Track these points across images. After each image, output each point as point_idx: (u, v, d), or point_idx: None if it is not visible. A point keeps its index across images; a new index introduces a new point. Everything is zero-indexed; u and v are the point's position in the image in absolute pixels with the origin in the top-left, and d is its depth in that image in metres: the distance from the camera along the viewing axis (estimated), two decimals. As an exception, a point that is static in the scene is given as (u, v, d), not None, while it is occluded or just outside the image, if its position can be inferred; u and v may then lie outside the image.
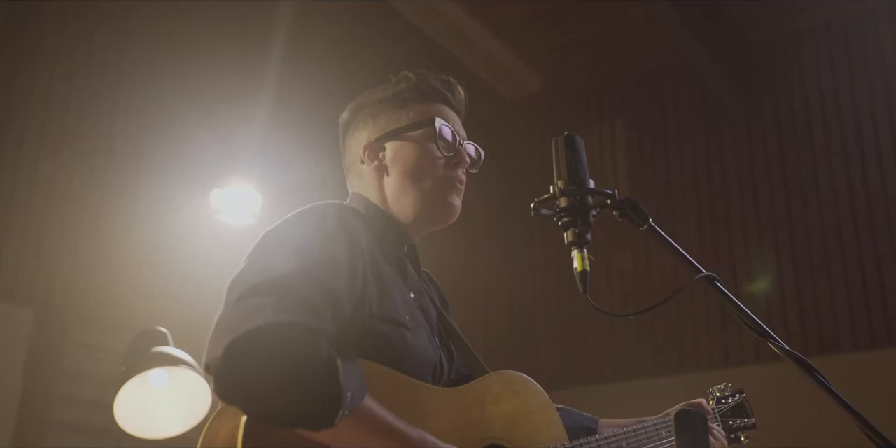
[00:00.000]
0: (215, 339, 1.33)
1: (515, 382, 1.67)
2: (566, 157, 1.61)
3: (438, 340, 1.70)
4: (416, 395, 1.51)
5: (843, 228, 5.44)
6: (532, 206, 1.59)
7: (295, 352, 1.29)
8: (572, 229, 1.55)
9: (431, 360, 1.62)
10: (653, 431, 1.80)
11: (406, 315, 1.61)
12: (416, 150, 1.76)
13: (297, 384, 1.28)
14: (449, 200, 1.75)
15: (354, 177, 1.83)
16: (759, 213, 5.67)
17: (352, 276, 1.50)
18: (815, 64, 5.84)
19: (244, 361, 1.28)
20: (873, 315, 5.05)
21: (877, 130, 5.54)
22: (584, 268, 1.53)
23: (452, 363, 1.70)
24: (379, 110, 1.82)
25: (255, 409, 1.30)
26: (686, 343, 5.62)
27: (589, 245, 1.56)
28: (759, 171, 5.78)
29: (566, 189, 1.56)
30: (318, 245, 1.50)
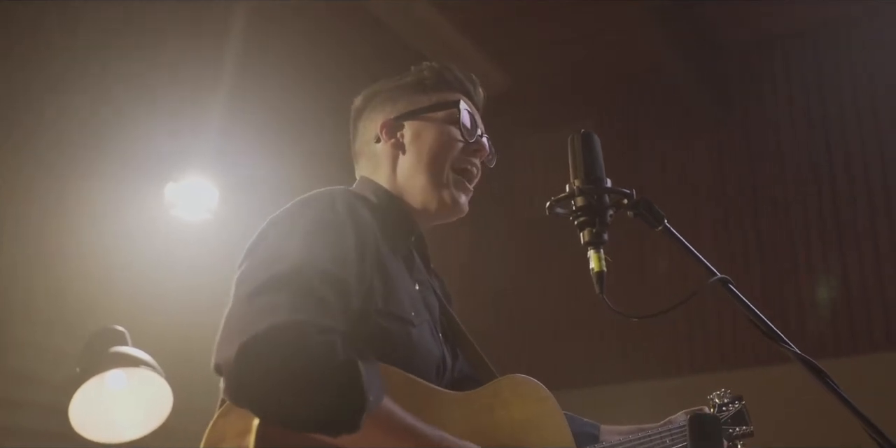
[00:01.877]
0: (226, 339, 1.32)
1: (525, 387, 1.68)
2: (583, 155, 1.63)
3: (442, 336, 1.70)
4: (426, 399, 1.51)
5: (811, 234, 5.57)
6: (547, 205, 1.61)
7: (312, 353, 1.28)
8: (589, 229, 1.57)
9: (435, 357, 1.62)
10: (657, 439, 1.82)
11: (411, 311, 1.61)
12: (437, 131, 1.76)
13: (317, 387, 1.27)
14: (455, 197, 1.75)
15: (366, 159, 1.82)
16: (726, 217, 5.79)
17: (360, 265, 1.49)
18: (785, 71, 5.97)
19: (259, 363, 1.27)
20: (838, 324, 5.18)
21: (845, 137, 5.68)
22: (601, 268, 1.55)
23: (456, 360, 1.70)
24: (399, 95, 1.82)
25: (272, 413, 1.28)
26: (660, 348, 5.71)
27: (605, 245, 1.58)
28: (728, 176, 5.89)
29: (584, 188, 1.58)
30: (327, 233, 1.50)
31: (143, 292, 4.32)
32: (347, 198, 1.60)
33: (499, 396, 1.62)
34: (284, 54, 5.60)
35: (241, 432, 1.33)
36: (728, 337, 5.53)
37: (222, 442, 1.36)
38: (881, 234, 5.42)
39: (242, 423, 1.33)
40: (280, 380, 1.26)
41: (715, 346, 5.58)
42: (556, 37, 6.06)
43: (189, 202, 4.91)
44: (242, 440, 1.32)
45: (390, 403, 1.37)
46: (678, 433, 1.85)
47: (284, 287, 1.36)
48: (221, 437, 1.37)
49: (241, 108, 5.28)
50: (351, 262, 1.47)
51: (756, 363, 5.19)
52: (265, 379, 1.26)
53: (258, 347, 1.27)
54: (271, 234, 1.53)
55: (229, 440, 1.35)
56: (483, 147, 1.79)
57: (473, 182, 1.80)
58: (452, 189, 1.74)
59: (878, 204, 5.49)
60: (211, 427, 1.39)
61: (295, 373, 1.26)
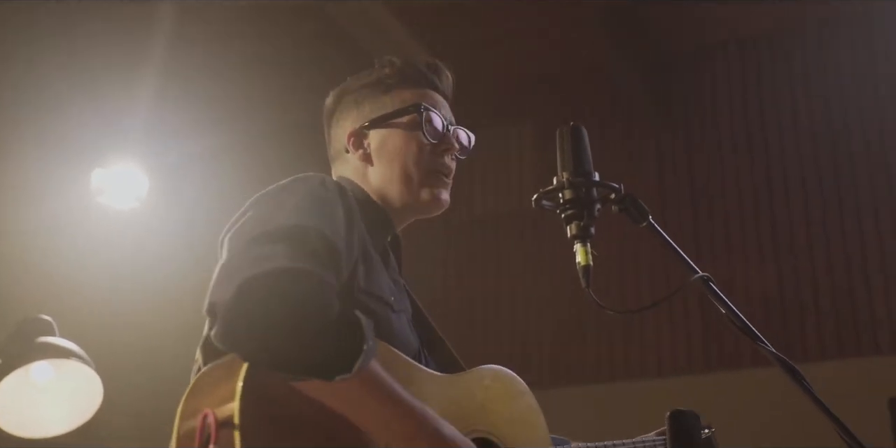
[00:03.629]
0: (223, 280, 1.33)
1: (507, 380, 1.71)
2: (572, 148, 1.67)
3: (417, 331, 1.73)
4: (409, 373, 1.53)
5: (749, 244, 5.73)
6: (535, 197, 1.64)
7: (312, 297, 1.31)
8: (576, 222, 1.61)
9: (413, 346, 1.65)
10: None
11: (392, 296, 1.64)
12: (402, 137, 1.77)
13: (317, 327, 1.29)
14: (436, 193, 1.78)
15: (340, 164, 1.84)
16: (665, 223, 5.89)
17: (349, 242, 1.52)
18: (726, 79, 6.13)
19: (258, 302, 1.28)
20: (775, 330, 5.33)
21: (783, 147, 5.86)
22: (587, 262, 1.59)
23: (427, 360, 1.72)
24: (363, 97, 1.82)
25: (265, 355, 1.28)
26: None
27: (592, 239, 1.62)
28: (667, 182, 6.02)
29: (573, 181, 1.62)
30: (319, 205, 1.52)
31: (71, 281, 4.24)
32: (335, 181, 1.63)
33: (481, 383, 1.66)
34: (216, 38, 5.55)
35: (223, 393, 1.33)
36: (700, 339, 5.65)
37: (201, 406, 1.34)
38: (817, 244, 5.60)
39: (224, 384, 1.33)
40: (278, 319, 1.27)
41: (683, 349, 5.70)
42: (497, 34, 6.10)
43: (117, 189, 4.84)
44: (224, 398, 1.32)
45: (377, 366, 1.38)
46: (651, 447, 1.89)
47: (282, 239, 1.39)
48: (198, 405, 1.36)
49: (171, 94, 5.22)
50: (341, 237, 1.50)
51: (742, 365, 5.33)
52: (263, 318, 1.27)
53: (258, 287, 1.29)
54: (262, 203, 1.55)
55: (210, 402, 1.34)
56: (451, 145, 1.81)
57: (450, 176, 1.83)
58: (429, 187, 1.77)
59: (814, 214, 5.68)
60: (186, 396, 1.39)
61: (294, 313, 1.28)
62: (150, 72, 5.05)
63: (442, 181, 1.80)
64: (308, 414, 1.34)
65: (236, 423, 1.28)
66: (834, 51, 5.88)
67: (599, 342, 5.86)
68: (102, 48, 5.01)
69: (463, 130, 1.87)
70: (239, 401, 1.29)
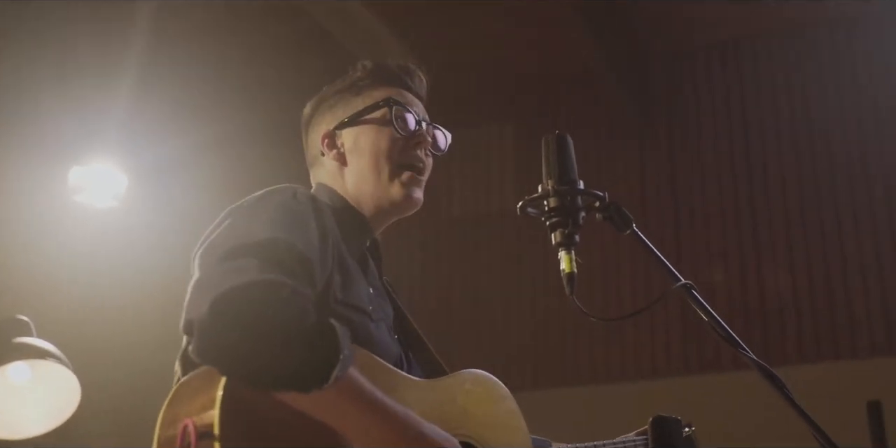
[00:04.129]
0: (197, 297, 1.34)
1: (488, 384, 1.73)
2: (557, 156, 1.69)
3: (397, 338, 1.75)
4: (390, 379, 1.55)
5: (729, 247, 5.78)
6: (520, 204, 1.67)
7: (287, 308, 1.32)
8: (561, 230, 1.63)
9: (394, 354, 1.66)
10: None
11: (370, 305, 1.66)
12: (373, 133, 1.79)
13: (292, 339, 1.30)
14: (408, 192, 1.79)
15: (317, 169, 1.86)
16: (646, 226, 5.93)
17: (323, 254, 1.54)
18: (707, 82, 6.18)
19: (233, 317, 1.29)
20: (753, 335, 5.38)
21: (765, 151, 5.91)
22: (571, 270, 1.61)
23: (410, 364, 1.74)
24: (336, 101, 1.85)
25: (242, 369, 1.29)
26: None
27: (577, 247, 1.64)
28: (648, 185, 6.05)
29: (558, 189, 1.65)
30: (291, 218, 1.53)
31: (48, 281, 4.23)
32: (307, 192, 1.65)
33: (462, 387, 1.68)
34: (195, 37, 5.54)
35: (201, 408, 1.34)
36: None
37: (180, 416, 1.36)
38: (797, 246, 5.66)
39: (203, 394, 1.34)
40: (253, 332, 1.28)
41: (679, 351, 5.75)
42: (478, 34, 6.11)
43: (95, 188, 4.83)
44: (204, 409, 1.33)
45: (357, 373, 1.39)
46: (631, 445, 1.92)
47: (254, 254, 1.41)
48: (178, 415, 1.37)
49: (151, 93, 5.21)
50: (314, 248, 1.51)
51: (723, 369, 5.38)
52: (238, 332, 1.28)
53: (232, 301, 1.30)
54: (234, 217, 1.56)
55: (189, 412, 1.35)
56: (423, 138, 1.82)
57: (424, 174, 1.84)
58: (401, 186, 1.78)
59: (794, 217, 5.73)
60: (166, 406, 1.40)
61: (269, 325, 1.29)
62: (130, 70, 5.04)
63: (414, 179, 1.81)
64: (288, 423, 1.35)
65: (216, 435, 1.29)
66: (816, 54, 5.94)
67: (580, 345, 5.90)
68: (81, 46, 5.00)
69: (439, 129, 1.89)
70: (219, 410, 1.30)
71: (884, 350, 5.31)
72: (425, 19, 5.96)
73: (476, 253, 6.29)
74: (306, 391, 1.30)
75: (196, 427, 1.31)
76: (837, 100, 5.81)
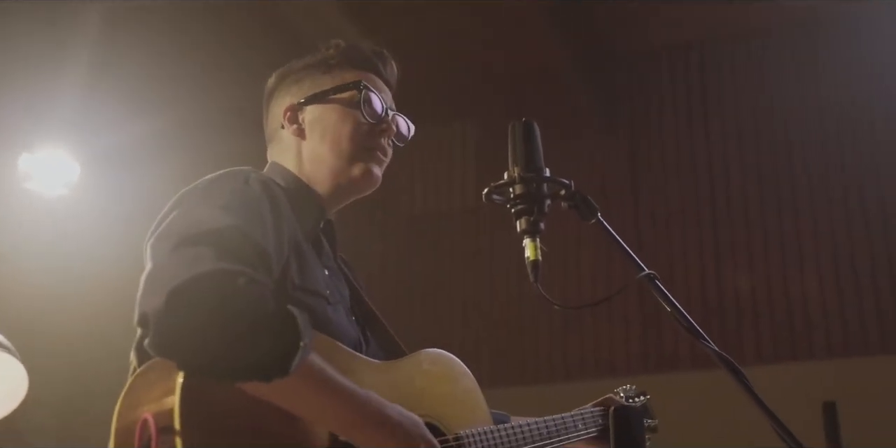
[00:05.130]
0: (151, 289, 1.32)
1: (445, 363, 1.75)
2: (524, 143, 1.70)
3: (355, 319, 1.75)
4: (349, 363, 1.55)
5: (689, 247, 5.84)
6: (485, 191, 1.67)
7: (244, 298, 1.30)
8: (526, 217, 1.63)
9: (352, 337, 1.66)
10: (570, 423, 1.91)
11: (326, 289, 1.65)
12: (339, 113, 1.78)
13: (251, 329, 1.28)
14: (368, 167, 1.77)
15: (275, 144, 1.84)
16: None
17: (278, 240, 1.52)
18: (671, 82, 6.24)
19: (189, 308, 1.27)
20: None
21: (726, 152, 5.98)
22: (536, 257, 1.61)
23: (369, 344, 1.74)
24: (304, 76, 1.83)
25: (201, 361, 1.27)
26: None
27: (541, 235, 1.65)
28: (610, 185, 6.09)
29: (524, 176, 1.65)
30: (243, 204, 1.52)
31: (-6, 269, 4.15)
32: (259, 176, 1.62)
33: (420, 368, 1.69)
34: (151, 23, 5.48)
35: (159, 396, 1.32)
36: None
37: (138, 409, 1.34)
38: (755, 247, 5.73)
39: (160, 387, 1.33)
40: (211, 324, 1.26)
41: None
42: (443, 31, 6.11)
43: (46, 176, 4.76)
44: (162, 403, 1.31)
45: (318, 359, 1.39)
46: (590, 418, 1.96)
47: (209, 242, 1.38)
48: (137, 403, 1.35)
49: (105, 79, 5.14)
50: (269, 235, 1.50)
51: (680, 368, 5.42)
52: (195, 324, 1.26)
53: (188, 292, 1.28)
54: (185, 204, 1.54)
55: (147, 405, 1.33)
56: (389, 127, 1.81)
57: (387, 154, 1.83)
58: (362, 162, 1.77)
59: (754, 218, 5.81)
60: (124, 396, 1.38)
61: (227, 316, 1.27)
62: (83, 55, 4.97)
63: (376, 156, 1.79)
64: (250, 413, 1.34)
65: (177, 429, 1.28)
66: (778, 56, 6.02)
67: (538, 343, 5.93)
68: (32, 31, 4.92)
69: (403, 118, 1.88)
70: (178, 403, 1.29)
71: (840, 351, 5.40)
72: (390, 14, 5.95)
73: (436, 250, 6.30)
74: (267, 381, 1.29)
75: (156, 421, 1.29)
76: (799, 101, 5.89)
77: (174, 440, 1.27)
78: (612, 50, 6.28)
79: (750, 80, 6.07)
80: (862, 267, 5.52)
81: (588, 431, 1.94)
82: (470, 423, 1.70)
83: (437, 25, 6.05)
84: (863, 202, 5.62)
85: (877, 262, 5.51)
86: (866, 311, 5.44)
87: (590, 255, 5.84)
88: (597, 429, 1.96)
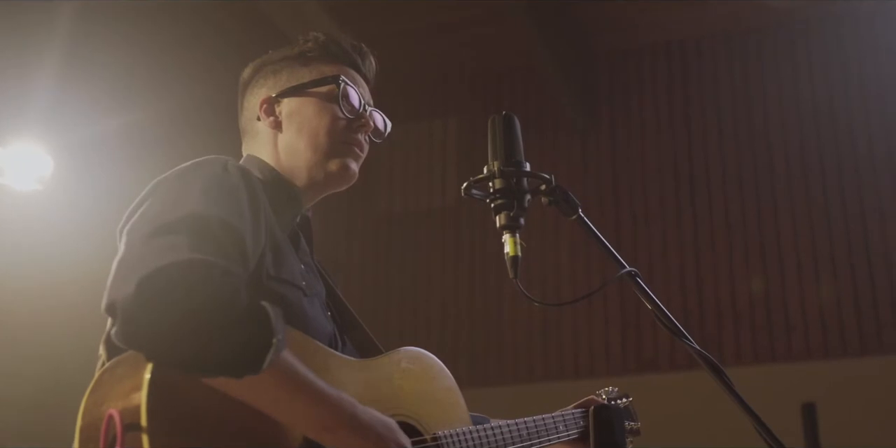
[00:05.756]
0: (122, 277, 1.29)
1: (424, 361, 1.73)
2: (504, 137, 1.67)
3: (330, 315, 1.72)
4: (324, 360, 1.52)
5: (669, 248, 5.84)
6: (464, 185, 1.64)
7: (217, 290, 1.27)
8: (505, 212, 1.61)
9: (327, 331, 1.64)
10: (551, 425, 1.90)
11: (302, 281, 1.62)
12: (316, 107, 1.76)
13: (222, 322, 1.25)
14: (345, 162, 1.75)
15: (250, 137, 1.82)
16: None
17: (255, 229, 1.49)
18: (651, 82, 6.24)
19: (160, 298, 1.24)
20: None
21: (706, 152, 5.99)
22: (515, 253, 1.59)
23: (344, 342, 1.71)
24: (282, 67, 1.81)
25: (170, 354, 1.24)
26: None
27: (521, 230, 1.63)
28: (590, 184, 6.09)
29: (504, 170, 1.63)
30: (221, 192, 1.49)
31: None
32: (238, 165, 1.60)
33: (398, 366, 1.66)
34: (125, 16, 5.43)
35: (127, 392, 1.29)
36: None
37: (105, 404, 1.30)
38: (736, 248, 5.74)
39: (128, 382, 1.29)
40: (183, 315, 1.23)
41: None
42: (424, 26, 6.10)
43: (18, 170, 4.71)
44: (129, 399, 1.28)
45: (291, 356, 1.35)
46: (571, 420, 1.94)
47: (183, 230, 1.36)
48: (104, 399, 1.31)
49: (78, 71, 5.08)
50: (247, 223, 1.47)
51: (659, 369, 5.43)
52: (166, 314, 1.23)
53: (160, 282, 1.25)
54: (162, 190, 1.51)
55: (114, 401, 1.30)
56: (367, 123, 1.79)
57: (363, 150, 1.80)
58: (339, 157, 1.75)
59: (734, 218, 5.82)
60: (90, 390, 1.34)
61: (199, 308, 1.24)
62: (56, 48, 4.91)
63: (353, 151, 1.77)
64: (219, 410, 1.31)
65: (143, 426, 1.24)
66: (758, 55, 6.04)
67: (517, 344, 5.92)
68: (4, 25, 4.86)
69: (380, 114, 1.86)
70: (145, 399, 1.25)
71: (819, 353, 5.42)
72: (369, 11, 5.92)
73: (414, 249, 6.28)
74: (238, 377, 1.26)
75: (121, 418, 1.25)
76: (779, 101, 5.91)
77: (140, 438, 1.24)
78: (593, 49, 6.29)
79: (730, 80, 6.09)
80: (841, 269, 5.54)
81: (569, 433, 1.93)
82: (448, 422, 1.68)
83: (418, 23, 6.03)
84: (843, 203, 5.64)
85: (856, 264, 5.53)
86: (845, 312, 5.46)
87: (567, 254, 5.84)
88: (578, 431, 1.94)
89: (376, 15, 5.94)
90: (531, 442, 1.83)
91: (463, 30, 6.10)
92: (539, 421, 1.87)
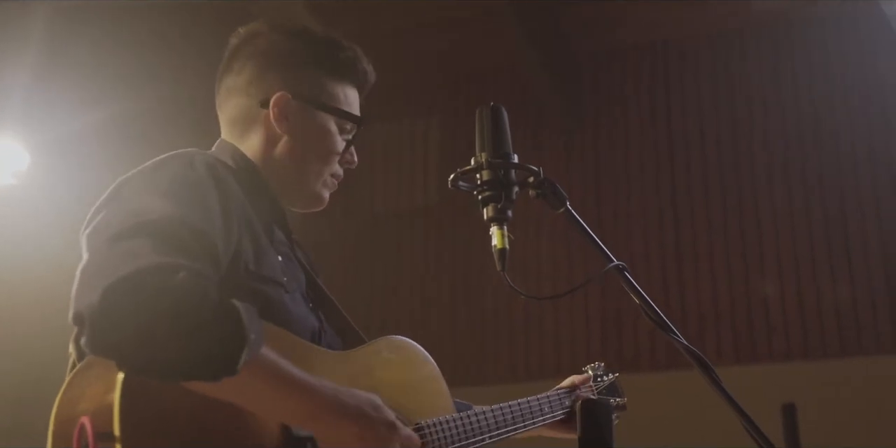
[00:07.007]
0: (86, 285, 1.26)
1: (405, 350, 1.72)
2: (492, 128, 1.67)
3: (312, 305, 1.71)
4: (304, 355, 1.51)
5: (651, 248, 5.86)
6: (451, 177, 1.63)
7: (184, 293, 1.24)
8: (493, 204, 1.61)
9: (312, 326, 1.63)
10: (536, 407, 1.93)
11: (283, 276, 1.61)
12: (329, 136, 1.75)
13: (192, 326, 1.22)
14: (323, 194, 1.79)
15: (240, 121, 1.75)
16: (567, 229, 5.98)
17: (226, 226, 1.47)
18: (635, 83, 6.26)
19: (127, 306, 1.21)
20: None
21: (689, 154, 6.01)
22: (503, 246, 1.59)
23: (325, 332, 1.70)
24: (306, 63, 1.76)
25: (141, 361, 1.21)
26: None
27: (509, 222, 1.62)
28: (574, 185, 6.09)
29: (492, 162, 1.62)
30: (187, 190, 1.46)
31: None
32: (205, 158, 1.56)
33: (379, 356, 1.66)
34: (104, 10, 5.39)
35: (100, 393, 1.27)
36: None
37: (78, 405, 1.28)
38: (717, 252, 5.77)
39: (102, 383, 1.27)
40: (150, 322, 1.21)
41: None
42: (407, 26, 6.08)
43: (-8, 165, 4.67)
44: (103, 400, 1.26)
45: (271, 352, 1.34)
46: (556, 400, 1.95)
47: (148, 234, 1.33)
48: (77, 400, 1.29)
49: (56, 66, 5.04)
50: (216, 222, 1.44)
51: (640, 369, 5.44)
52: (134, 322, 1.21)
53: (125, 289, 1.22)
54: (125, 192, 1.48)
55: (87, 402, 1.28)
56: (353, 161, 1.82)
57: (336, 185, 1.83)
58: (318, 189, 1.77)
59: (716, 220, 5.84)
60: (63, 391, 1.32)
61: (166, 313, 1.21)
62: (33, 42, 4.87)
63: (334, 184, 1.80)
64: (195, 409, 1.29)
65: (116, 435, 1.22)
66: (742, 57, 6.07)
67: (499, 343, 5.92)
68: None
69: None
70: (118, 401, 1.23)
71: (799, 354, 5.45)
72: (354, 11, 5.91)
73: (397, 249, 6.27)
74: (216, 380, 1.24)
75: (94, 423, 1.23)
76: (761, 102, 5.94)
77: (114, 441, 1.22)
78: (577, 49, 6.30)
79: (713, 81, 6.11)
80: (821, 270, 5.57)
81: (553, 415, 1.94)
82: (431, 411, 1.68)
83: (401, 22, 6.02)
84: (824, 205, 5.67)
85: (836, 266, 5.56)
86: (826, 313, 5.49)
87: (548, 250, 5.84)
88: (563, 411, 1.95)
89: (359, 14, 5.93)
90: (516, 425, 1.85)
91: (447, 29, 6.09)
92: (524, 404, 1.88)
